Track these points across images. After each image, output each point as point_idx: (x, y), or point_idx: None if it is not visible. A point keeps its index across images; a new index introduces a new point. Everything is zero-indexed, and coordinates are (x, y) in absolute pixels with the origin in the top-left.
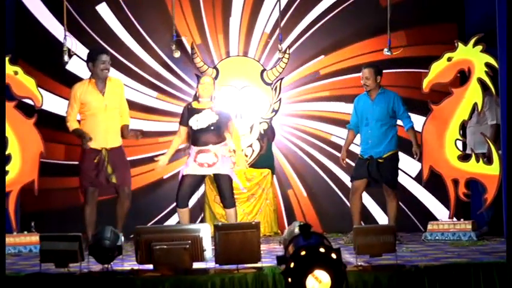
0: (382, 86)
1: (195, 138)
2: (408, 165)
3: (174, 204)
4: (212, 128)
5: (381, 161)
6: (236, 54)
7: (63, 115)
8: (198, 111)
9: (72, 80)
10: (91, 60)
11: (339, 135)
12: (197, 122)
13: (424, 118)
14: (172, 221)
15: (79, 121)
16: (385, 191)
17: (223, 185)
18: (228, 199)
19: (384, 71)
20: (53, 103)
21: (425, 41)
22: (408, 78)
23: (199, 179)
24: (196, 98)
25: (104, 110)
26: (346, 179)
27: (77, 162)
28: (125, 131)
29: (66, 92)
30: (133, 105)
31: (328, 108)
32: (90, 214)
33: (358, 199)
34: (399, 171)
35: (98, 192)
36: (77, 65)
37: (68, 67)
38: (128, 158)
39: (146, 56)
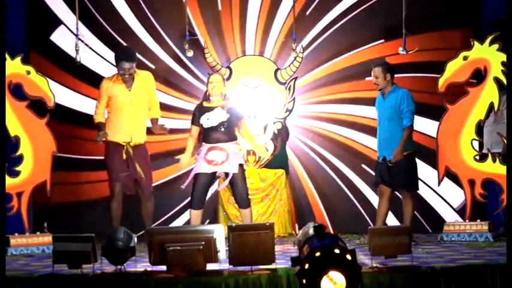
0: (395, 84)
1: (205, 135)
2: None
3: (182, 204)
4: (223, 126)
5: (390, 164)
6: (250, 54)
7: (78, 110)
8: (209, 109)
9: (88, 74)
10: (115, 62)
11: (354, 138)
12: (208, 121)
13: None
14: (180, 221)
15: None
16: (401, 193)
17: (237, 185)
18: (243, 199)
19: (400, 75)
20: (68, 98)
21: (440, 46)
22: (424, 82)
23: (211, 177)
24: (206, 97)
25: (129, 104)
26: (357, 181)
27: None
28: (154, 124)
29: (81, 86)
30: None
31: (344, 111)
32: (116, 209)
33: (383, 204)
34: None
35: (127, 188)
36: (92, 61)
37: (84, 62)
38: None
39: (160, 51)
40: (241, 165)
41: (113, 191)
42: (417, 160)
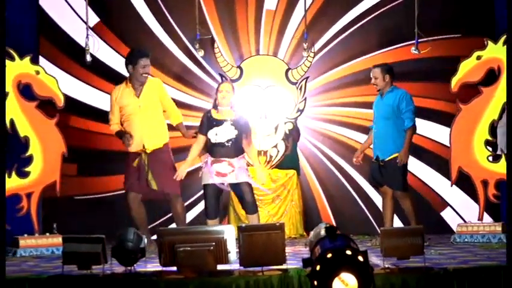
0: (393, 85)
1: (212, 149)
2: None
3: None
4: (230, 142)
5: (382, 164)
6: (261, 53)
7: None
8: (217, 123)
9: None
10: (131, 63)
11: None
12: (216, 136)
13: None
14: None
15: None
16: (394, 193)
17: (243, 191)
18: (250, 205)
19: (410, 83)
20: (81, 91)
21: (453, 53)
22: (435, 89)
23: (219, 188)
24: (215, 106)
25: (139, 111)
26: (366, 184)
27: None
28: (182, 130)
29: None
30: None
31: (354, 114)
32: (137, 217)
33: (387, 204)
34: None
35: (145, 195)
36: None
37: (97, 54)
38: None
39: (175, 47)
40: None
41: (127, 201)
42: (427, 167)
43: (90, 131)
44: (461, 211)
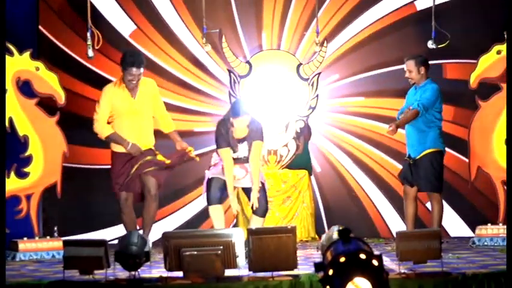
0: (429, 78)
1: None
2: None
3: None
4: (245, 156)
5: (412, 162)
6: (271, 48)
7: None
8: (236, 142)
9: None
10: (121, 66)
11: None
12: (235, 154)
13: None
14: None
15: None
16: (427, 194)
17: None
18: (262, 207)
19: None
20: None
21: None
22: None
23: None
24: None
25: (133, 113)
26: (379, 184)
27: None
28: (176, 138)
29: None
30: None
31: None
32: (129, 223)
33: (409, 205)
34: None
35: (134, 198)
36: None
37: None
38: None
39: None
40: (262, 183)
41: (119, 204)
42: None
43: None
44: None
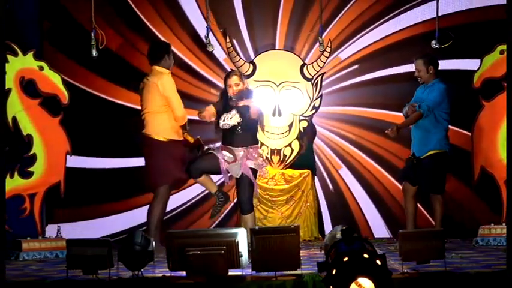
0: (438, 78)
1: (223, 137)
2: None
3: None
4: (238, 131)
5: (415, 161)
6: (275, 48)
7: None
8: (227, 109)
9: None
10: (167, 52)
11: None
12: (222, 122)
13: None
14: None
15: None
16: (430, 196)
17: (240, 186)
18: (243, 203)
19: None
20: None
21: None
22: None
23: (218, 165)
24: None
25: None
26: (384, 183)
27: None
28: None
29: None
30: None
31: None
32: (159, 216)
33: (408, 203)
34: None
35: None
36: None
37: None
38: None
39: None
40: (252, 169)
41: (160, 196)
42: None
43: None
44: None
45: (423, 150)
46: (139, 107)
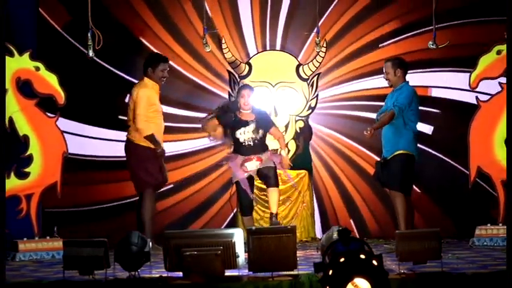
0: (406, 81)
1: (239, 149)
2: None
3: None
4: (257, 141)
5: (383, 162)
6: (271, 49)
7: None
8: (243, 123)
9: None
10: (150, 66)
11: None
12: (243, 135)
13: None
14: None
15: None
16: (390, 195)
17: (268, 169)
18: (272, 178)
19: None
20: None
21: (472, 41)
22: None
23: (250, 180)
24: (238, 108)
25: (160, 112)
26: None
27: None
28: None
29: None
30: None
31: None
32: (148, 219)
33: (394, 204)
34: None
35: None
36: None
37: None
38: None
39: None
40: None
41: (145, 200)
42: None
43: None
44: None
45: (391, 151)
46: None
